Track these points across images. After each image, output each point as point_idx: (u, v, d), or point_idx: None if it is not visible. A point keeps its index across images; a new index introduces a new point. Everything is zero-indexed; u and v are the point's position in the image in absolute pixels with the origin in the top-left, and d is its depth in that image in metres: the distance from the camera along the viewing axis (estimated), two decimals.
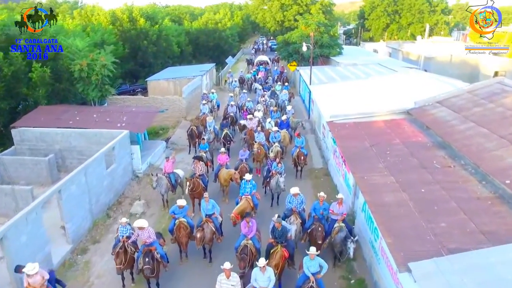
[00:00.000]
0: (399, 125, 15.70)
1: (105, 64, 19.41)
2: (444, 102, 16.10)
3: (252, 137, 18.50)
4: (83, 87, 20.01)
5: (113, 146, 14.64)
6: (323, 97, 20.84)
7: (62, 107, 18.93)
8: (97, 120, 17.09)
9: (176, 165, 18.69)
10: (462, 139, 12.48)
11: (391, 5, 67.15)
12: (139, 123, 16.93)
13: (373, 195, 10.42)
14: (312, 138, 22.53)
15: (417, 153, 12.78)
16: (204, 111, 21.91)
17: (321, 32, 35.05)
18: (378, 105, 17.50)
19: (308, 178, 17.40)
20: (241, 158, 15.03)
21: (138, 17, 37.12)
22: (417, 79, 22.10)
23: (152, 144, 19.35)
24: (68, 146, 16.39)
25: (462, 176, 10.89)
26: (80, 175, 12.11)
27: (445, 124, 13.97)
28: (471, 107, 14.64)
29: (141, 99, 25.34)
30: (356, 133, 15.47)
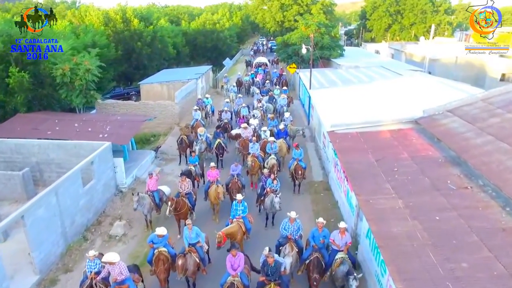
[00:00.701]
0: (406, 136, 14.33)
1: (89, 69, 18.07)
2: (456, 111, 14.72)
3: (246, 148, 17.16)
4: (66, 93, 18.72)
5: (92, 160, 13.28)
6: (324, 103, 19.47)
7: (43, 114, 17.62)
8: (78, 130, 15.77)
9: (165, 177, 17.50)
10: (479, 155, 11.09)
11: (393, 5, 65.71)
12: (123, 133, 15.58)
13: (380, 224, 9.05)
14: (312, 146, 21.16)
15: (428, 170, 11.42)
16: (197, 118, 20.56)
17: (322, 33, 33.68)
18: (383, 113, 16.12)
19: (307, 192, 16.05)
20: (232, 174, 13.67)
21: (132, 18, 35.81)
22: (423, 83, 20.70)
23: (140, 154, 18.02)
24: (46, 158, 15.04)
25: (482, 200, 9.52)
26: (49, 196, 10.77)
27: (459, 136, 12.58)
28: (487, 117, 13.25)
29: (131, 104, 23.98)
30: (359, 145, 14.11)
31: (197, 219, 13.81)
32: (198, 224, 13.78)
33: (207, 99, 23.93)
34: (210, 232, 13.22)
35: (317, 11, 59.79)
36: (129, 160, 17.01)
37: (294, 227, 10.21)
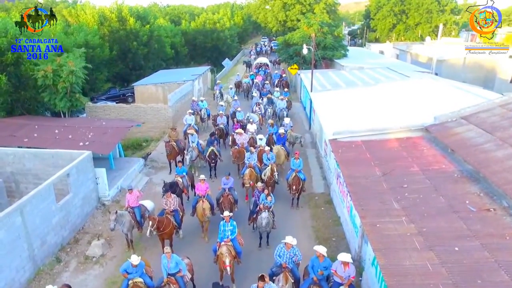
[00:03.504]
0: (416, 146, 12.97)
1: (73, 70, 16.79)
2: (471, 118, 13.35)
3: (242, 157, 15.84)
4: (49, 96, 17.48)
5: (68, 172, 12.01)
6: (325, 108, 18.14)
7: (22, 119, 16.39)
8: (57, 137, 14.50)
9: (153, 187, 16.24)
10: (502, 171, 9.69)
11: (398, 4, 64.14)
12: (106, 141, 14.29)
13: (389, 256, 7.70)
14: (313, 153, 19.80)
15: (442, 187, 10.06)
16: (189, 123, 19.26)
17: (325, 33, 32.27)
18: (389, 120, 14.77)
19: (307, 206, 14.70)
20: (224, 187, 12.35)
21: (128, 17, 34.59)
22: (433, 86, 19.32)
23: (127, 162, 16.73)
24: (22, 168, 13.78)
25: (509, 226, 8.15)
26: (11, 217, 9.49)
27: (476, 148, 11.20)
28: (508, 126, 11.86)
29: (122, 108, 22.72)
30: (364, 156, 12.76)
31: (185, 237, 12.57)
32: (186, 242, 12.55)
33: (202, 102, 22.60)
34: (199, 252, 12.01)
35: (320, 10, 58.41)
36: (115, 169, 15.74)
37: (290, 254, 8.88)
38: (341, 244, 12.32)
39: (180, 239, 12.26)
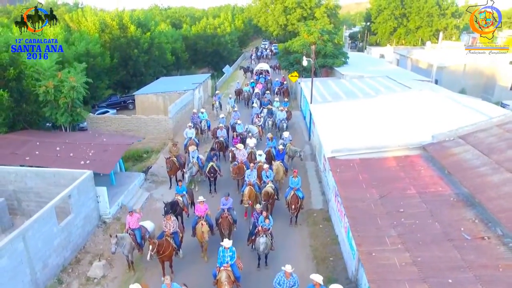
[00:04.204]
0: (413, 166, 13.09)
1: (74, 86, 16.96)
2: (468, 137, 13.47)
3: (241, 173, 16.00)
4: (51, 111, 17.65)
5: (69, 193, 12.18)
6: (325, 123, 18.23)
7: (23, 135, 16.55)
8: (59, 155, 14.66)
9: (154, 203, 16.40)
10: (497, 197, 9.82)
11: (399, 8, 64.13)
12: (107, 160, 14.45)
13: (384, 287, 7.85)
14: (312, 167, 19.92)
15: (438, 212, 10.19)
16: (190, 137, 19.41)
17: (325, 41, 32.35)
18: (388, 137, 14.89)
19: (305, 223, 14.83)
20: (223, 208, 12.49)
21: (129, 24, 34.73)
22: (432, 100, 19.40)
23: (128, 177, 16.88)
24: (24, 187, 13.96)
25: (502, 257, 8.27)
26: (14, 243, 9.66)
27: (473, 171, 11.32)
28: (505, 148, 11.97)
29: (123, 119, 22.87)
30: (362, 176, 12.88)
31: (185, 256, 12.72)
32: (186, 261, 12.71)
33: (202, 114, 22.75)
34: (199, 272, 12.16)
35: (321, 14, 58.49)
36: (116, 185, 15.90)
37: (290, 283, 9.01)
38: (339, 264, 12.46)
39: (180, 259, 12.40)
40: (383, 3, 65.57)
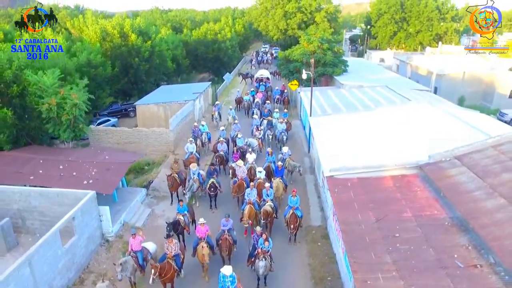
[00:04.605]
0: (410, 187, 13.33)
1: (76, 104, 17.24)
2: (464, 158, 13.72)
3: (241, 190, 16.28)
4: (54, 127, 17.95)
5: (73, 216, 12.46)
6: (324, 138, 18.45)
7: (27, 152, 16.84)
8: (62, 175, 14.94)
9: (155, 219, 16.67)
10: (490, 224, 10.08)
11: (399, 12, 64.31)
12: (109, 179, 14.73)
13: None
14: (311, 180, 20.17)
15: (433, 237, 10.45)
16: (191, 151, 19.69)
17: (324, 50, 32.58)
18: (385, 156, 15.16)
19: (304, 241, 15.09)
20: (223, 229, 12.77)
21: (130, 33, 34.98)
22: (430, 114, 19.66)
23: (130, 193, 17.15)
24: (28, 206, 14.24)
25: (494, 286, 8.53)
26: (21, 269, 9.94)
27: (467, 196, 11.57)
28: (499, 171, 12.22)
29: (124, 131, 23.13)
30: (359, 197, 13.13)
31: (186, 276, 12.99)
32: (187, 282, 12.97)
33: (203, 126, 23.04)
34: None
35: (321, 18, 58.70)
36: (118, 202, 16.17)
37: None
38: (337, 284, 12.72)
39: (181, 279, 12.68)
40: (383, 7, 65.76)
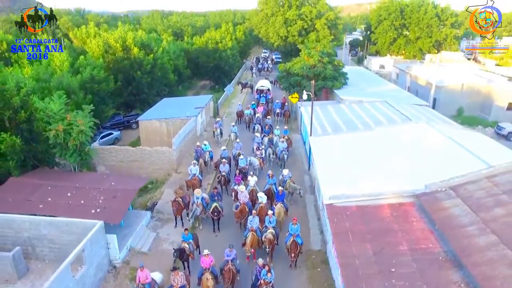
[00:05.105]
0: (406, 217, 13.81)
1: (82, 130, 17.75)
2: (459, 189, 14.19)
3: (244, 215, 16.80)
4: (60, 152, 18.44)
5: (83, 248, 12.97)
6: (324, 162, 18.91)
7: (35, 178, 17.33)
8: (70, 203, 15.44)
9: (160, 243, 17.16)
10: (482, 263, 10.55)
11: (399, 18, 64.72)
12: (116, 208, 15.22)
13: None
14: (311, 201, 20.66)
15: (427, 273, 10.94)
16: (194, 173, 20.20)
17: (325, 63, 33.06)
18: (383, 181, 15.71)
19: (304, 266, 15.59)
20: (227, 259, 13.27)
21: (132, 46, 35.47)
22: (427, 136, 20.16)
23: (135, 217, 17.64)
24: (38, 234, 14.76)
25: None
26: None
27: (461, 231, 12.04)
28: (492, 206, 12.70)
29: (128, 150, 23.63)
30: (357, 227, 13.60)
31: None
32: None
33: (205, 146, 23.55)
34: None
35: (321, 26, 59.17)
36: (124, 226, 16.66)
37: None
38: None
39: None
40: (383, 13, 66.18)
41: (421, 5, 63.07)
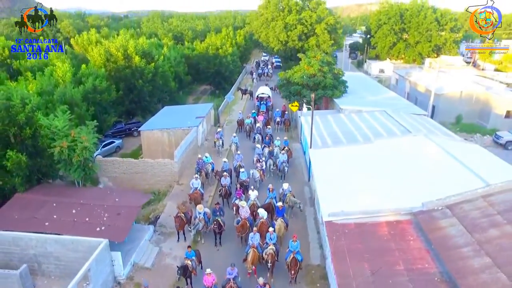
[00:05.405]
0: (404, 236, 14.14)
1: (86, 147, 18.10)
2: (455, 208, 14.53)
3: (245, 229, 17.16)
4: (65, 168, 18.79)
5: (89, 268, 13.32)
6: (323, 176, 19.24)
7: (40, 194, 17.70)
8: (75, 220, 15.79)
9: (163, 258, 17.52)
10: (477, 285, 10.91)
11: (398, 23, 65.03)
12: (121, 226, 15.59)
13: None
14: (311, 213, 21.00)
15: None
16: (196, 187, 20.55)
17: (324, 72, 33.39)
18: (382, 197, 16.11)
19: (303, 282, 15.95)
20: (229, 277, 13.63)
21: (133, 55, 35.81)
22: (425, 149, 20.49)
23: (138, 231, 17.99)
24: (44, 251, 15.14)
25: None
26: None
27: (456, 252, 12.37)
28: (487, 226, 13.03)
29: (130, 162, 23.98)
30: (355, 246, 13.95)
31: None
32: None
33: (206, 158, 23.91)
34: None
35: (321, 30, 59.45)
36: (127, 241, 17.01)
37: None
38: None
39: None
40: (383, 18, 66.49)
41: (420, 9, 63.40)
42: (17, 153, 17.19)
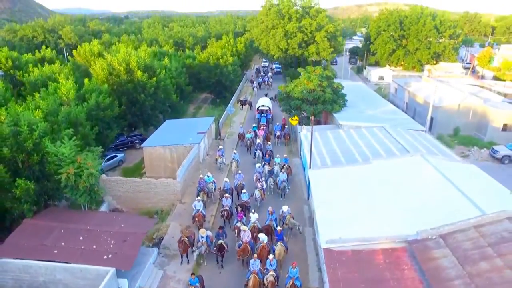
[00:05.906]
0: (398, 265, 14.71)
1: (92, 173, 18.70)
2: (448, 238, 15.10)
3: (246, 253, 17.77)
4: (71, 192, 19.40)
5: None
6: (322, 199, 19.82)
7: (48, 219, 18.28)
8: (83, 248, 16.39)
9: (168, 281, 18.11)
10: None
11: (398, 30, 65.51)
12: (127, 254, 16.18)
13: None
14: (310, 234, 21.56)
15: None
16: (198, 209, 21.15)
17: (324, 87, 33.97)
18: (378, 223, 16.74)
19: None
20: None
21: (135, 69, 36.37)
22: (422, 172, 21.06)
23: (143, 254, 18.54)
24: (53, 279, 15.76)
25: None
26: None
27: (448, 285, 12.95)
28: (477, 259, 13.60)
29: (134, 182, 24.55)
30: (352, 275, 14.53)
31: None
32: None
33: (208, 177, 24.50)
34: None
35: (321, 38, 60.05)
36: (133, 266, 17.58)
37: None
38: None
39: None
40: (382, 25, 66.98)
41: (420, 16, 63.88)
42: (25, 181, 17.78)
